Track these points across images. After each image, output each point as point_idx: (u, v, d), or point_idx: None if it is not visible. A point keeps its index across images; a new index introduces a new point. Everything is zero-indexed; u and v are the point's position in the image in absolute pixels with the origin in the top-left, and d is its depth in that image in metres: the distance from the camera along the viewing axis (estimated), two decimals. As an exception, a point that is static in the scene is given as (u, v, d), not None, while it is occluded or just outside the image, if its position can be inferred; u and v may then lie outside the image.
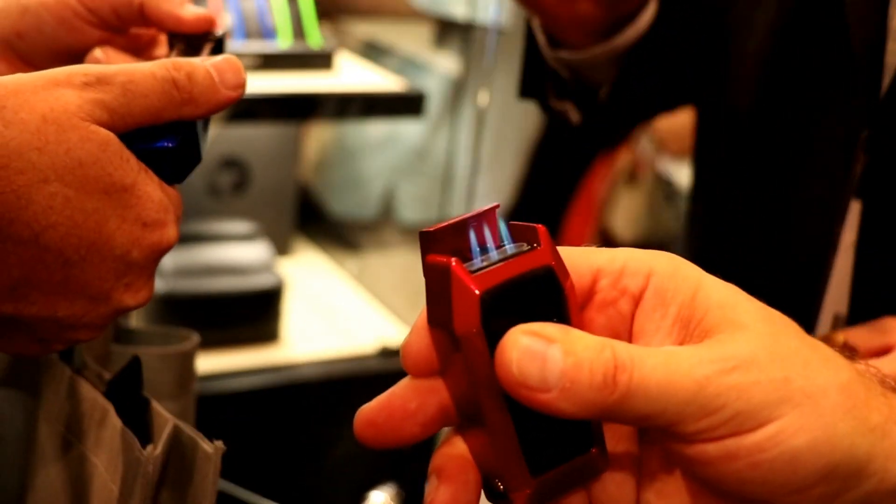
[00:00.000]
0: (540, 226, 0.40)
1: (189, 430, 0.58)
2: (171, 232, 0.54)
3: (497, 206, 0.41)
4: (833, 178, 0.82)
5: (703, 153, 1.02)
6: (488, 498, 0.40)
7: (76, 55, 0.64)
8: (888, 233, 0.81)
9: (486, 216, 0.41)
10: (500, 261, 0.39)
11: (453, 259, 0.38)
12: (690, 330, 0.39)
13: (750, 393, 0.37)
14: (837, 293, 0.83)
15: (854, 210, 0.81)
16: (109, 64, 0.59)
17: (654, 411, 0.37)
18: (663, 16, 0.92)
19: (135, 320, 0.78)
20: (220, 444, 0.58)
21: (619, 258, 0.41)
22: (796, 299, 0.84)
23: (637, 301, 0.41)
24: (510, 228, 0.41)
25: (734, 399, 0.37)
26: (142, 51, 0.67)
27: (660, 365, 0.37)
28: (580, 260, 0.41)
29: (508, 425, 0.39)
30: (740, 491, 0.38)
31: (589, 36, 0.91)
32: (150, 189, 0.53)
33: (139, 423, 0.58)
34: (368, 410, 0.40)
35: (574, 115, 1.00)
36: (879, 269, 0.82)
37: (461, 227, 0.40)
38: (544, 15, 0.91)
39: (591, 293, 0.41)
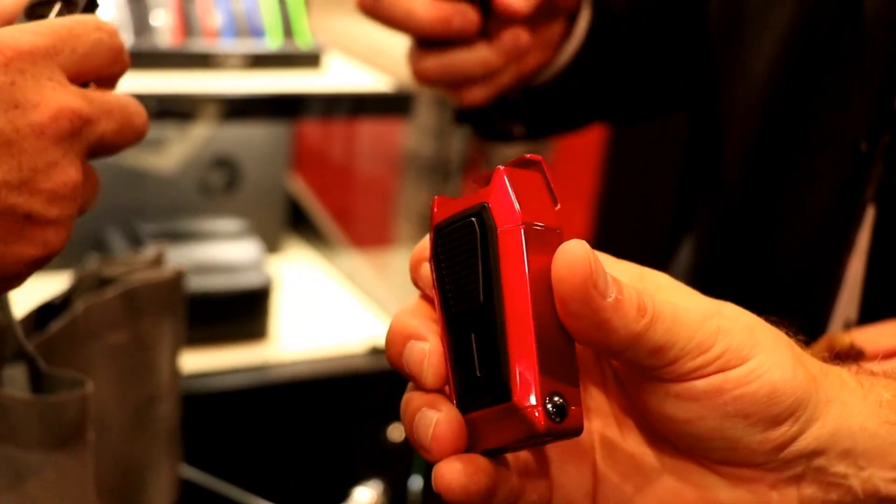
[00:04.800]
0: (498, 167, 0.42)
1: None
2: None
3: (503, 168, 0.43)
4: (846, 183, 0.81)
5: (712, 153, 1.00)
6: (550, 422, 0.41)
7: None
8: None
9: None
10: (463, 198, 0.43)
11: (437, 197, 0.43)
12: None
13: (732, 334, 0.42)
14: (849, 299, 0.82)
15: (869, 215, 0.80)
16: None
17: (667, 343, 0.41)
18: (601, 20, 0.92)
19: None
20: None
21: None
22: (808, 304, 0.83)
23: None
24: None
25: (722, 339, 0.41)
26: None
27: (668, 302, 0.41)
28: None
29: (450, 352, 0.42)
30: (718, 430, 0.42)
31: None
32: None
33: None
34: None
35: (518, 130, 0.99)
36: (891, 276, 0.81)
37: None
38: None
39: None
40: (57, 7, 0.57)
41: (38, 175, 0.50)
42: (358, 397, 1.46)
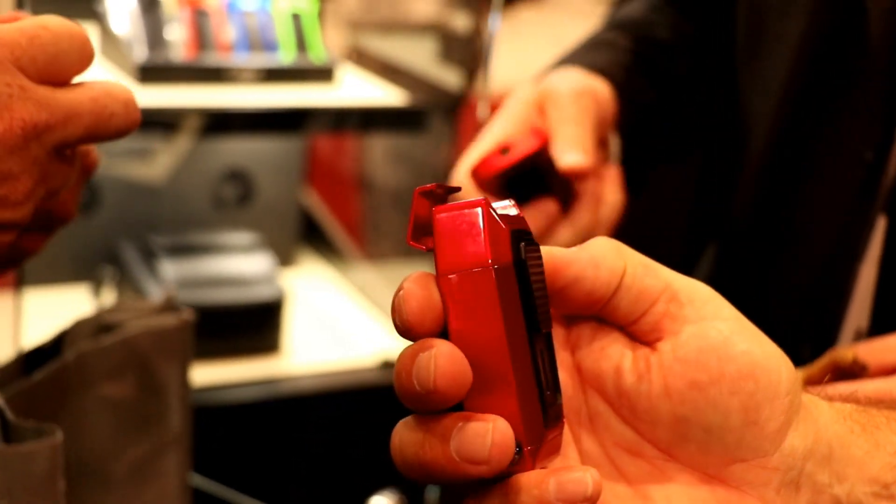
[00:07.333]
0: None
1: None
2: None
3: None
4: (854, 194, 0.81)
5: (732, 167, 1.01)
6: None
7: None
8: None
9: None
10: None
11: (483, 200, 0.41)
12: None
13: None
14: (860, 309, 0.82)
15: (880, 226, 0.80)
16: None
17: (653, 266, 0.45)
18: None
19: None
20: None
21: None
22: (819, 314, 0.84)
23: None
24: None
25: (704, 287, 0.45)
26: None
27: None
28: None
29: (530, 371, 0.40)
30: (736, 395, 0.42)
31: None
32: None
33: None
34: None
35: None
36: None
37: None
38: None
39: None
40: None
41: None
42: (370, 411, 1.45)
